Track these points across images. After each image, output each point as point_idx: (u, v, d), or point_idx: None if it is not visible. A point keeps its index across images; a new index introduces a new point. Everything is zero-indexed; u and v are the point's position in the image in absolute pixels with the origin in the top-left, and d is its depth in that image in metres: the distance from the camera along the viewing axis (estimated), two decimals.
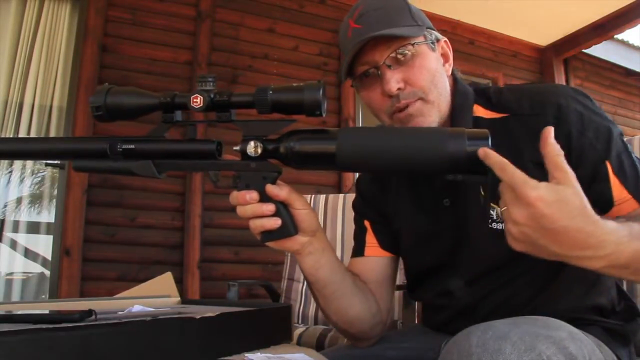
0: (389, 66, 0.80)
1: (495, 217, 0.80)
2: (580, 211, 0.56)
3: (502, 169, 0.58)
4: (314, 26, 3.23)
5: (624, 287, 1.09)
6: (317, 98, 0.64)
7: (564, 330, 0.61)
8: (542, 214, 0.55)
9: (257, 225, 0.69)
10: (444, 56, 0.88)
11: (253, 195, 0.68)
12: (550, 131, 0.58)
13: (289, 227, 0.70)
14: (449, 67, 0.88)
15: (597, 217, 0.57)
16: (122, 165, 0.69)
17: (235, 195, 0.69)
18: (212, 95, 0.66)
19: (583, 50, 4.04)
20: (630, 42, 4.56)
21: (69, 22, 2.69)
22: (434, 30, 0.86)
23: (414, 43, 0.81)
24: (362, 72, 0.83)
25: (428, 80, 0.81)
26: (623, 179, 0.74)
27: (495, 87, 0.89)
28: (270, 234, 0.70)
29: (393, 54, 0.80)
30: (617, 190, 0.74)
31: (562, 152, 0.58)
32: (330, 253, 0.79)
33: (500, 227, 0.79)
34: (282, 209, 0.69)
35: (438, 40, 0.87)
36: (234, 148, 0.69)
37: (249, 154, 0.68)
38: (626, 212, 0.74)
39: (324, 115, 0.66)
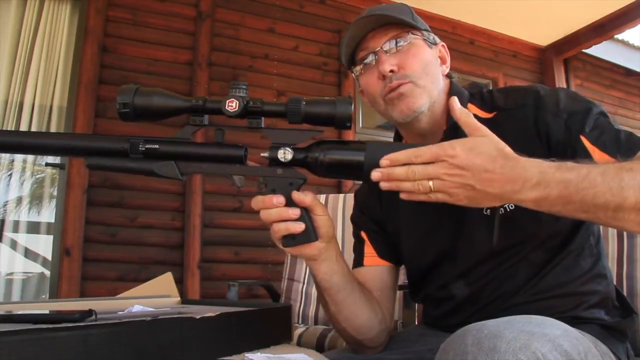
0: (386, 52, 0.87)
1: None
2: (500, 152, 0.63)
3: (418, 155, 0.63)
4: (314, 26, 3.23)
5: (624, 288, 1.10)
6: (348, 112, 0.67)
7: (558, 328, 0.61)
8: (467, 161, 0.62)
9: (282, 228, 0.69)
10: (442, 59, 0.94)
11: (280, 199, 0.68)
12: (454, 100, 0.67)
13: (311, 233, 0.71)
14: (446, 69, 0.94)
15: (517, 155, 0.63)
16: (142, 165, 0.68)
17: (261, 199, 0.69)
18: (245, 102, 0.67)
19: (583, 50, 4.03)
20: (630, 42, 4.56)
21: (69, 22, 2.69)
22: (432, 34, 0.93)
23: (409, 32, 0.88)
24: (362, 57, 0.90)
25: (420, 67, 0.87)
26: (602, 147, 0.77)
27: (487, 88, 0.94)
28: (293, 239, 0.71)
29: (392, 41, 0.87)
30: (600, 158, 0.77)
31: (469, 113, 0.67)
32: (342, 259, 0.81)
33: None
34: (305, 215, 0.70)
35: (436, 43, 0.93)
36: (262, 154, 0.70)
37: (279, 159, 0.69)
38: None
39: (351, 128, 0.69)
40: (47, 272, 2.58)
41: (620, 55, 4.49)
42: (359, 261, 0.99)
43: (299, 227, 0.69)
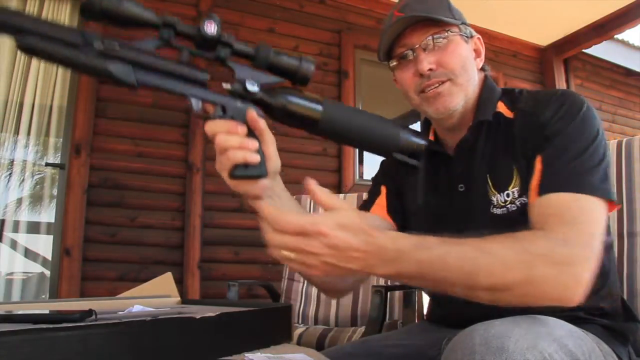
0: (424, 49, 0.88)
1: (495, 203, 0.85)
2: (361, 228, 0.63)
3: (284, 227, 0.61)
4: (314, 26, 3.23)
5: (624, 288, 1.10)
6: (310, 70, 0.70)
7: (563, 328, 0.61)
8: (337, 241, 0.61)
9: (239, 157, 0.67)
10: (476, 52, 0.95)
11: (244, 127, 0.68)
12: (310, 182, 0.65)
13: (263, 167, 0.70)
14: (480, 62, 0.95)
15: (378, 231, 0.64)
16: (95, 62, 0.61)
17: (223, 123, 0.67)
18: (220, 32, 0.67)
19: (583, 50, 4.04)
20: (630, 42, 4.56)
21: (69, 22, 2.69)
22: (469, 26, 0.94)
23: (448, 30, 0.88)
24: (399, 53, 0.91)
25: (459, 64, 0.88)
26: (544, 171, 0.77)
27: (519, 89, 0.93)
28: (244, 170, 0.69)
29: (429, 38, 0.87)
30: (535, 180, 0.78)
31: (325, 190, 0.65)
32: (288, 197, 0.79)
33: (499, 212, 0.85)
34: (260, 149, 0.70)
35: (472, 36, 0.94)
36: (224, 85, 0.70)
37: (246, 89, 0.69)
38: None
39: (308, 85, 0.72)
40: (47, 272, 2.58)
41: (620, 55, 4.49)
42: (365, 207, 1.01)
43: (256, 158, 0.68)
